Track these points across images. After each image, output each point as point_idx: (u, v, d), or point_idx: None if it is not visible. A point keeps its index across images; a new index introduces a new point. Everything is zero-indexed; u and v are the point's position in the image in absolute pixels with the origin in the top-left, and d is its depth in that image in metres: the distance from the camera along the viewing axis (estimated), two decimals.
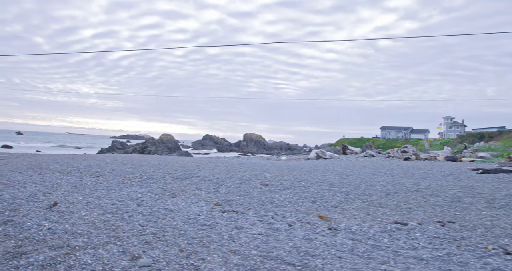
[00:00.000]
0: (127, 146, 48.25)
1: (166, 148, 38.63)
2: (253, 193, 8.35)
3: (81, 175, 10.94)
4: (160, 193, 8.30)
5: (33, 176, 9.91)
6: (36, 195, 6.55)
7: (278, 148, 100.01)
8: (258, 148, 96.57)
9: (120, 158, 16.89)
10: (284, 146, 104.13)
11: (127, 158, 16.55)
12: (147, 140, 37.90)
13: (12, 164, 13.90)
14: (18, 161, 15.77)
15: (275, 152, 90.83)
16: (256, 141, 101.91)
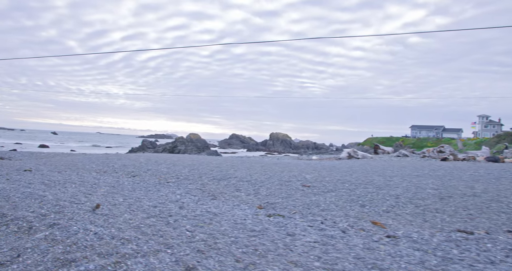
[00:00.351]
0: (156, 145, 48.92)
1: (195, 147, 38.82)
2: (295, 195, 7.96)
3: (118, 174, 10.90)
4: (199, 194, 8.07)
5: (71, 176, 9.94)
6: (77, 196, 6.44)
7: (305, 147, 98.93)
8: (284, 147, 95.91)
9: (153, 157, 16.91)
10: (311, 145, 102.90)
11: (160, 158, 16.55)
12: (177, 139, 38.21)
13: (50, 163, 14.14)
14: (56, 160, 16.08)
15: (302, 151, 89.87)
16: (282, 140, 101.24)
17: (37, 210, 4.95)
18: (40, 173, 10.07)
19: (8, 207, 5.05)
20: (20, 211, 4.85)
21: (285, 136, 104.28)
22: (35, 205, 5.27)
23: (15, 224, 4.31)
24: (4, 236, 4.01)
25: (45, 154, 22.27)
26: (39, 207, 5.16)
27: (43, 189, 6.97)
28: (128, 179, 9.95)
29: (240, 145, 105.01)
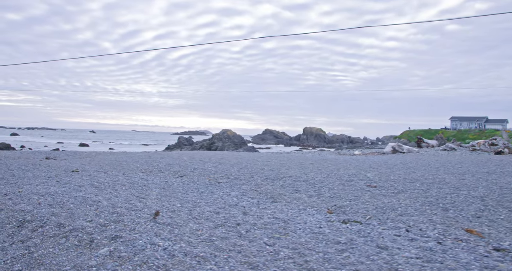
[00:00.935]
0: (193, 142, 49.13)
1: (232, 144, 38.55)
2: (363, 197, 7.20)
3: (164, 175, 10.56)
4: (256, 196, 7.49)
5: (118, 176, 9.67)
6: (131, 201, 6.03)
7: (339, 141, 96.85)
8: (318, 142, 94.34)
9: (196, 155, 16.60)
10: (345, 139, 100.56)
11: (203, 156, 16.19)
12: (214, 136, 38.08)
13: (95, 163, 14.11)
14: (99, 159, 16.12)
15: (337, 145, 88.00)
16: (316, 134, 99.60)
17: (95, 218, 4.53)
18: (88, 174, 9.88)
19: (65, 215, 4.66)
20: (78, 220, 4.44)
21: (319, 130, 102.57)
22: (92, 212, 4.86)
23: (74, 236, 3.88)
24: (65, 251, 3.58)
25: (87, 153, 22.61)
26: (96, 215, 4.75)
27: (95, 193, 6.63)
28: (176, 180, 9.55)
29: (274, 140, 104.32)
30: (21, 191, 6.40)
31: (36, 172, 9.53)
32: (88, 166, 12.79)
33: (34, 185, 7.27)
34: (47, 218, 4.54)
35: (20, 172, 9.28)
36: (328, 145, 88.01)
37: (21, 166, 10.80)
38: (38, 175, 8.95)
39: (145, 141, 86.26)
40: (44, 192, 6.43)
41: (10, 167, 10.29)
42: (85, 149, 44.34)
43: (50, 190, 6.67)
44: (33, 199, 5.73)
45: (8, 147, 37.97)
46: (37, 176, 8.77)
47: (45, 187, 7.11)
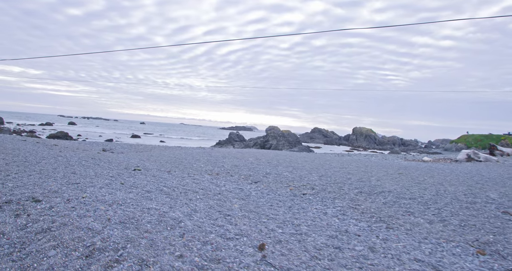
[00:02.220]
0: (243, 139, 48.41)
1: (286, 142, 37.16)
2: (508, 229, 5.50)
3: (234, 179, 9.40)
4: (360, 217, 6.03)
5: (185, 179, 8.64)
6: (217, 219, 4.84)
7: (391, 143, 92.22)
8: (368, 143, 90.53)
9: (259, 155, 15.41)
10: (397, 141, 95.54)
11: (267, 156, 14.95)
12: (268, 134, 36.89)
13: (153, 159, 13.36)
14: (157, 155, 15.45)
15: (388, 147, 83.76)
16: (366, 135, 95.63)
17: (185, 253, 3.34)
18: (151, 174, 8.96)
19: (144, 243, 3.52)
20: (163, 254, 3.28)
21: (369, 130, 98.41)
22: (178, 241, 3.69)
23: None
24: None
25: (143, 147, 22.29)
26: (184, 245, 3.57)
27: (168, 204, 5.54)
28: (251, 187, 8.33)
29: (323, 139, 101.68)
30: (85, 197, 5.45)
31: (97, 169, 8.74)
32: (147, 163, 11.99)
33: (98, 188, 6.34)
34: (122, 246, 3.42)
35: (81, 169, 8.53)
36: (378, 147, 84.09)
37: (81, 160, 10.14)
38: (100, 173, 8.12)
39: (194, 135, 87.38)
40: (111, 199, 5.43)
41: (70, 161, 9.63)
42: (138, 141, 45.10)
43: (117, 197, 5.67)
44: (99, 210, 4.71)
45: (66, 136, 39.39)
46: (99, 175, 7.94)
47: (110, 191, 6.15)
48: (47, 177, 7.06)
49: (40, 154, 10.49)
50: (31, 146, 13.10)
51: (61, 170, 8.01)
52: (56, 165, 8.77)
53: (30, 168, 7.94)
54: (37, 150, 11.65)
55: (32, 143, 15.42)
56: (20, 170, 7.58)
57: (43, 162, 8.88)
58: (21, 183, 6.25)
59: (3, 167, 7.75)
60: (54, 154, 11.09)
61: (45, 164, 8.62)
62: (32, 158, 9.49)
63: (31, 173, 7.31)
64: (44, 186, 6.14)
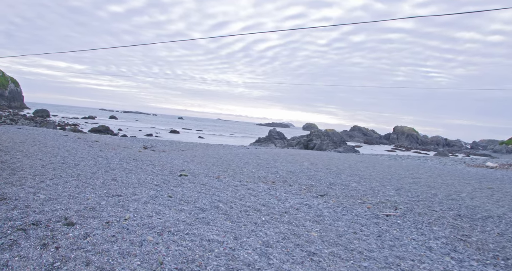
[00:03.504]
0: (284, 136, 47.10)
1: (331, 142, 35.41)
2: None
3: (294, 189, 8.13)
4: (477, 255, 4.57)
5: (240, 190, 7.49)
6: (303, 263, 3.58)
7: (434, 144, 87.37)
8: (410, 142, 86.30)
9: (313, 158, 14.05)
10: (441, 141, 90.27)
11: (324, 160, 13.56)
12: (312, 133, 35.29)
13: (198, 160, 12.36)
14: (201, 155, 14.49)
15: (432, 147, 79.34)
16: (408, 135, 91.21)
17: None
18: (200, 182, 7.87)
19: None
20: None
21: (411, 129, 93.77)
22: None
23: None
24: None
25: (184, 144, 21.55)
26: None
27: (232, 232, 4.36)
28: (318, 202, 7.02)
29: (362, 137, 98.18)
30: (127, 218, 4.38)
31: (140, 174, 7.77)
32: (192, 165, 10.99)
33: (143, 203, 5.29)
34: None
35: (123, 174, 7.58)
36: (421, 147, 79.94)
37: (122, 162, 9.25)
38: (144, 181, 7.12)
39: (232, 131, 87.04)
40: (160, 223, 4.32)
41: (110, 163, 8.75)
42: (177, 137, 44.94)
43: (167, 218, 4.57)
44: (147, 244, 3.60)
45: (107, 130, 39.82)
46: (143, 182, 6.93)
47: (157, 208, 5.07)
48: (84, 185, 6.12)
49: (79, 154, 9.73)
50: (71, 143, 12.49)
51: (100, 175, 7.09)
52: (96, 168, 7.89)
53: (67, 171, 7.07)
54: (76, 148, 10.95)
55: (73, 139, 14.95)
56: (56, 174, 6.71)
57: (81, 165, 8.03)
58: (55, 194, 5.31)
59: (38, 170, 6.92)
60: (94, 153, 10.30)
61: (83, 167, 7.75)
62: (71, 158, 8.69)
63: (68, 179, 6.41)
64: (80, 199, 5.15)
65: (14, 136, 12.93)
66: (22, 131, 15.09)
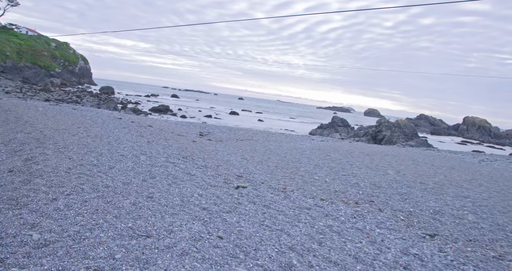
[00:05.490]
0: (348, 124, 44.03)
1: (402, 134, 31.93)
2: None
3: (387, 216, 5.97)
4: None
5: (318, 221, 5.52)
6: None
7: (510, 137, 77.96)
8: (481, 135, 77.88)
9: (396, 163, 11.61)
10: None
11: (410, 166, 11.07)
12: (381, 123, 32.06)
13: (258, 157, 10.51)
14: (261, 148, 12.67)
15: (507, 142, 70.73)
16: (479, 126, 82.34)
17: None
18: (262, 201, 6.00)
19: None
20: None
21: (483, 121, 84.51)
22: None
23: None
24: None
25: (243, 132, 19.88)
26: None
27: None
28: (433, 252, 4.84)
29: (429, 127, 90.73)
30: None
31: (186, 187, 6.06)
32: (252, 165, 9.18)
33: (177, 256, 3.52)
34: None
35: (164, 185, 5.92)
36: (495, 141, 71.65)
37: (168, 162, 7.63)
38: (189, 199, 5.39)
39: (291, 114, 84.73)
40: None
41: (155, 164, 7.16)
42: (236, 119, 43.77)
43: None
44: None
45: (167, 109, 39.63)
46: (187, 203, 5.20)
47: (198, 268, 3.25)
48: (106, 210, 4.49)
49: (121, 148, 8.29)
50: (119, 131, 11.22)
51: (134, 189, 5.46)
52: (133, 173, 6.30)
53: (94, 181, 5.53)
54: (121, 139, 9.58)
55: (126, 123, 13.83)
56: (78, 185, 5.17)
57: (117, 168, 6.49)
58: (57, 231, 3.71)
59: (59, 177, 5.45)
60: (139, 148, 8.83)
61: (117, 173, 6.19)
62: (108, 157, 7.22)
63: (89, 196, 4.83)
64: (87, 245, 3.49)
65: (63, 119, 11.98)
66: (74, 114, 14.27)
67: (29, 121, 10.63)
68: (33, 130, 9.24)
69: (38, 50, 55.51)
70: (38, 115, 12.29)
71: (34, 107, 14.53)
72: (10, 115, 11.87)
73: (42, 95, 32.70)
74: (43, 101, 25.09)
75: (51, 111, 14.05)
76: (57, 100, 31.12)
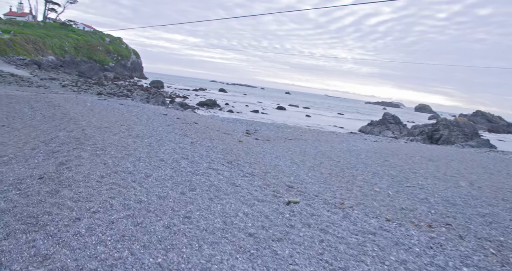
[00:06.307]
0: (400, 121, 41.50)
1: (461, 133, 29.25)
2: None
3: (472, 247, 4.79)
4: None
5: (393, 262, 4.46)
6: None
7: None
8: None
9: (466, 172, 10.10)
10: None
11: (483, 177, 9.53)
12: (439, 121, 29.59)
13: (309, 161, 9.51)
14: (311, 150, 11.64)
15: None
16: None
17: None
18: (318, 223, 5.05)
19: None
20: None
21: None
22: None
23: None
24: None
25: (292, 130, 18.86)
26: None
27: None
28: None
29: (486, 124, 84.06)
30: None
31: (230, 203, 5.22)
32: (303, 171, 8.22)
33: None
34: None
35: (204, 201, 5.13)
36: None
37: (210, 171, 6.85)
38: (231, 221, 4.54)
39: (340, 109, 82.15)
40: None
41: (195, 173, 6.39)
42: (284, 114, 42.77)
43: None
44: None
45: (214, 104, 39.48)
46: (230, 229, 4.36)
47: None
48: (138, 229, 3.75)
49: (162, 151, 7.63)
50: (163, 129, 10.67)
51: (170, 203, 4.71)
52: (170, 184, 5.57)
53: (125, 194, 4.84)
54: (164, 140, 8.97)
55: (171, 120, 13.35)
56: (107, 200, 4.50)
57: (153, 176, 5.79)
58: (84, 259, 2.99)
59: (89, 188, 4.82)
60: (181, 150, 8.14)
61: (152, 184, 5.48)
62: (146, 162, 6.56)
63: (116, 216, 4.13)
64: None
65: (108, 115, 11.67)
66: (121, 109, 14.01)
67: (74, 118, 10.36)
68: (75, 128, 8.87)
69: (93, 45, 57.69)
70: (84, 111, 12.08)
71: (83, 103, 14.46)
72: (58, 111, 11.74)
73: (95, 89, 33.61)
74: (94, 95, 25.60)
75: (98, 106, 13.88)
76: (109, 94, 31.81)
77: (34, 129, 9.11)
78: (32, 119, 10.57)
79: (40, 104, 13.22)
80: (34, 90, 24.82)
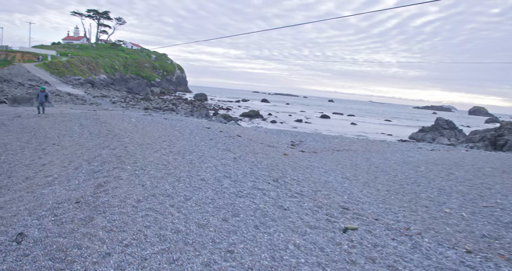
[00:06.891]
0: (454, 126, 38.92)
1: None
2: None
3: None
4: None
5: None
6: None
7: None
8: None
9: None
10: None
11: None
12: (503, 125, 27.15)
13: (363, 176, 8.64)
14: (362, 162, 10.72)
15: None
16: None
17: None
18: (385, 261, 4.25)
19: None
20: None
21: None
22: None
23: None
24: None
25: (338, 140, 17.88)
26: None
27: None
28: None
29: None
30: None
31: (278, 237, 4.57)
32: (357, 189, 7.40)
33: None
34: None
35: (246, 236, 4.53)
36: None
37: (254, 192, 6.24)
38: (282, 263, 3.88)
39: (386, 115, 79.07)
40: None
41: (238, 195, 5.80)
42: (328, 123, 41.63)
43: None
44: None
45: (257, 114, 39.24)
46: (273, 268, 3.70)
47: None
48: (172, 268, 3.22)
49: (203, 168, 7.15)
50: (205, 144, 10.27)
51: (211, 233, 4.13)
52: (213, 207, 5.01)
53: (163, 222, 4.33)
54: (205, 156, 8.52)
55: (214, 133, 13.01)
56: (141, 229, 4.02)
57: (194, 198, 5.27)
58: None
59: (124, 216, 4.38)
60: (224, 167, 7.61)
61: (195, 205, 4.94)
62: (185, 183, 6.08)
63: (153, 250, 3.62)
64: None
65: (151, 131, 11.50)
66: (164, 124, 13.89)
67: (118, 134, 10.23)
68: (118, 145, 8.67)
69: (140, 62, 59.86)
70: (129, 127, 12.02)
71: (128, 119, 14.52)
72: (104, 128, 11.75)
73: (142, 104, 34.47)
74: (141, 110, 26.10)
75: (142, 122, 13.85)
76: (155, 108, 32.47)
77: (80, 147, 9.03)
78: (80, 137, 10.59)
79: (89, 121, 13.38)
80: (86, 107, 25.78)
